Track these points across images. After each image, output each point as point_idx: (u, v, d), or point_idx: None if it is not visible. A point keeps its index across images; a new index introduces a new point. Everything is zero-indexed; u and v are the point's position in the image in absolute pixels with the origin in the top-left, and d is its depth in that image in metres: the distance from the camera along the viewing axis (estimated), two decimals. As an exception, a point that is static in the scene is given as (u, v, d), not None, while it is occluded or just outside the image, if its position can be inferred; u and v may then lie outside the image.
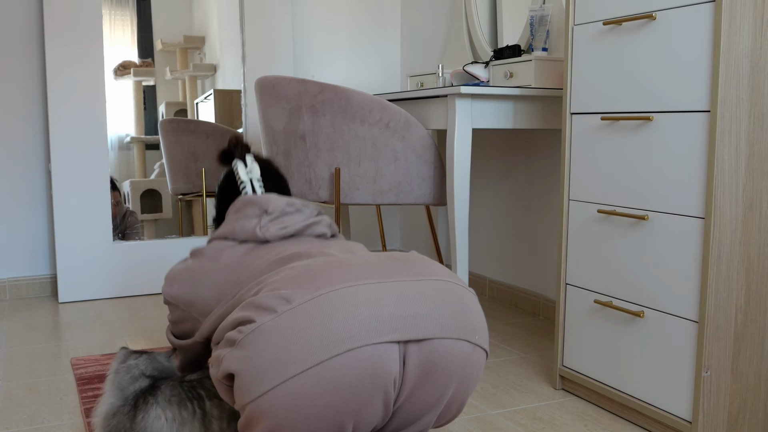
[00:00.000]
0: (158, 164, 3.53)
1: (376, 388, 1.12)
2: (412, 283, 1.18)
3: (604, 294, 1.78)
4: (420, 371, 1.15)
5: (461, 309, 1.20)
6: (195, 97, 3.46)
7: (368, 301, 1.13)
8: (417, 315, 1.14)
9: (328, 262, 1.22)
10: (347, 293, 1.13)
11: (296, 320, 1.10)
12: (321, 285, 1.15)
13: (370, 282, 1.16)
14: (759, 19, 1.47)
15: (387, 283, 1.17)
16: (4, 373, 2.08)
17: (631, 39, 1.66)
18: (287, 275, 1.20)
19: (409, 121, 2.26)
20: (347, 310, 1.11)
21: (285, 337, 1.10)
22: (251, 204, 1.50)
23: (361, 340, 1.09)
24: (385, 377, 1.11)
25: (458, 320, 1.18)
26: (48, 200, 3.01)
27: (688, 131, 1.53)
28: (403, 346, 1.12)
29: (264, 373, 1.10)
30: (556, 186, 2.63)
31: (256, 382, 1.11)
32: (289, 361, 1.09)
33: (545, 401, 1.88)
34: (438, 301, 1.18)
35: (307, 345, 1.08)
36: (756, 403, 1.61)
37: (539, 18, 2.39)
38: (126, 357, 1.52)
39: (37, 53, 2.94)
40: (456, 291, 1.22)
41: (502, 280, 2.96)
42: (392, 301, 1.14)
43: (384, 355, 1.11)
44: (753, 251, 1.54)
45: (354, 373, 1.09)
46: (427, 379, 1.17)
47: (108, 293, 3.00)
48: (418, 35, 3.49)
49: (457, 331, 1.17)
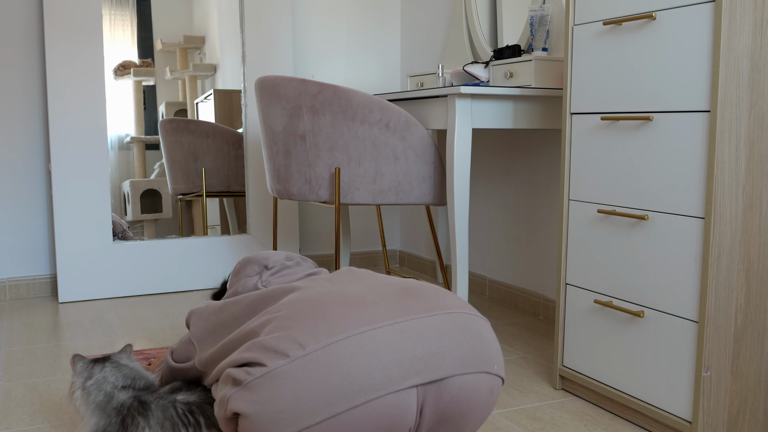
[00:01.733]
0: (158, 164, 3.53)
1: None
2: (427, 320, 1.14)
3: (604, 294, 1.78)
4: (437, 416, 1.11)
5: (478, 341, 1.17)
6: (195, 97, 3.46)
7: (387, 346, 1.08)
8: (436, 354, 1.10)
9: (340, 294, 1.18)
10: (365, 339, 1.08)
11: (311, 368, 1.05)
12: (337, 329, 1.09)
13: (386, 324, 1.11)
14: (759, 19, 1.47)
15: (403, 323, 1.12)
16: (4, 373, 2.08)
17: (631, 39, 1.66)
18: (297, 309, 1.15)
19: (409, 121, 2.26)
20: (366, 359, 1.06)
21: (299, 386, 1.05)
22: (251, 263, 1.50)
23: (383, 389, 1.05)
24: (402, 428, 1.08)
25: (476, 352, 1.15)
26: (48, 200, 3.01)
27: (688, 131, 1.53)
28: (422, 389, 1.09)
29: (276, 422, 1.05)
30: (556, 186, 2.63)
31: (265, 428, 1.06)
32: (304, 412, 1.04)
33: (545, 401, 1.88)
34: (455, 336, 1.15)
35: (324, 395, 1.04)
36: (756, 403, 1.61)
37: (539, 18, 2.39)
38: (87, 369, 1.41)
39: (37, 53, 2.94)
40: (472, 322, 1.19)
41: (502, 280, 2.96)
42: (411, 343, 1.10)
43: (403, 402, 1.07)
44: (753, 251, 1.54)
45: (371, 427, 1.05)
46: (444, 423, 1.14)
47: (108, 293, 3.00)
48: (418, 35, 3.49)
49: (477, 364, 1.14)
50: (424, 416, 1.10)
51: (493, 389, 1.19)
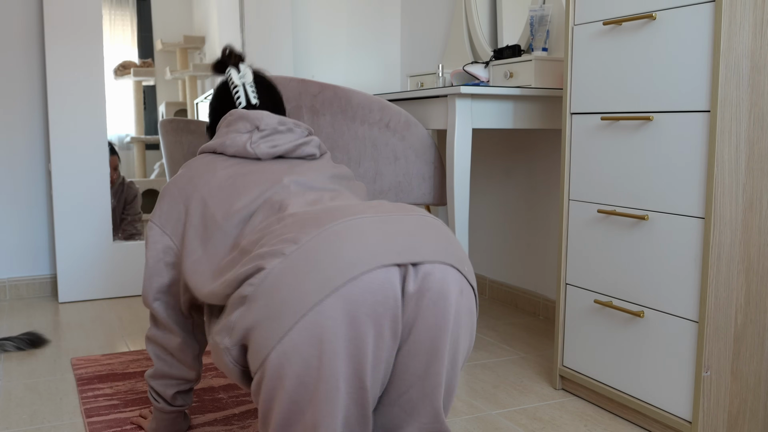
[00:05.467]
0: (158, 164, 3.53)
1: (387, 314, 1.13)
2: (405, 217, 1.23)
3: (604, 294, 1.78)
4: (418, 294, 1.17)
5: (449, 242, 1.25)
6: (195, 97, 3.46)
7: (371, 231, 1.16)
8: (413, 242, 1.18)
9: (326, 206, 1.26)
10: (351, 224, 1.16)
11: (307, 256, 1.12)
12: (324, 222, 1.17)
13: (369, 216, 1.20)
14: (759, 19, 1.47)
15: (384, 215, 1.22)
16: (4, 373, 2.08)
17: (631, 39, 1.66)
18: (289, 222, 1.22)
19: (409, 121, 2.26)
20: (354, 240, 1.13)
21: (298, 274, 1.11)
22: (243, 119, 1.50)
23: (373, 263, 1.12)
24: (394, 302, 1.13)
25: (447, 249, 1.22)
26: (48, 200, 3.01)
27: (688, 131, 1.53)
28: (402, 269, 1.15)
29: (282, 313, 1.09)
30: (556, 186, 2.63)
31: (275, 325, 1.10)
32: (306, 293, 1.09)
33: (545, 401, 1.88)
34: (429, 232, 1.23)
35: (322, 274, 1.10)
36: (756, 403, 1.61)
37: (539, 18, 2.39)
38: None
39: (37, 53, 2.94)
40: (444, 228, 1.28)
41: (502, 280, 2.96)
42: (392, 230, 1.18)
43: (392, 276, 1.13)
44: (753, 251, 1.54)
45: (368, 302, 1.10)
46: (427, 304, 1.18)
47: (108, 293, 3.00)
48: (418, 35, 3.49)
49: (447, 258, 1.21)
50: (407, 299, 1.15)
51: (463, 291, 1.22)
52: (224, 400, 1.85)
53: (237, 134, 1.48)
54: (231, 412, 1.78)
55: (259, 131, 1.48)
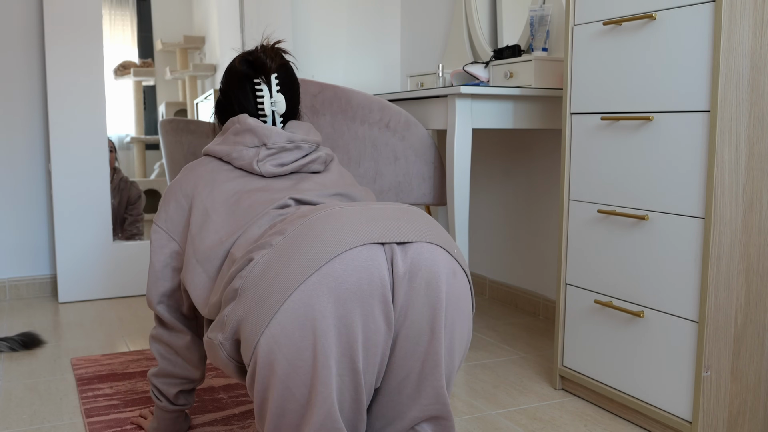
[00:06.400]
0: (158, 164, 3.53)
1: (374, 294, 1.14)
2: (388, 205, 1.28)
3: (604, 294, 1.78)
4: (409, 274, 1.18)
5: (436, 227, 1.27)
6: (195, 97, 3.46)
7: (353, 214, 1.20)
8: (397, 225, 1.21)
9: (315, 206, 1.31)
10: (332, 212, 1.21)
11: (292, 243, 1.16)
12: (308, 214, 1.22)
13: (352, 206, 1.25)
14: (759, 19, 1.47)
15: (365, 205, 1.26)
16: (4, 373, 2.08)
17: (631, 39, 1.66)
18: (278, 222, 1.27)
19: (409, 121, 2.26)
20: (336, 225, 1.17)
21: (283, 259, 1.14)
22: (251, 132, 1.48)
23: (355, 242, 1.14)
24: (381, 282, 1.14)
25: (434, 231, 1.25)
26: (48, 200, 3.01)
27: (688, 131, 1.53)
28: (388, 247, 1.17)
29: (268, 298, 1.12)
30: (556, 186, 2.63)
31: (262, 310, 1.12)
32: (289, 275, 1.12)
33: (545, 401, 1.88)
34: (414, 217, 1.26)
35: (305, 256, 1.13)
36: (756, 403, 1.61)
37: (539, 18, 2.39)
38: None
39: (37, 53, 2.94)
40: (426, 215, 1.31)
41: (502, 280, 2.96)
42: (375, 214, 1.22)
43: (376, 253, 1.15)
44: (753, 251, 1.54)
45: (352, 279, 1.12)
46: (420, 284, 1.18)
47: (108, 293, 3.00)
48: (418, 35, 3.49)
49: (434, 239, 1.22)
50: (397, 281, 1.17)
51: (456, 273, 1.23)
52: (224, 400, 1.85)
53: (244, 148, 1.47)
54: (231, 412, 1.78)
55: (267, 149, 1.46)
